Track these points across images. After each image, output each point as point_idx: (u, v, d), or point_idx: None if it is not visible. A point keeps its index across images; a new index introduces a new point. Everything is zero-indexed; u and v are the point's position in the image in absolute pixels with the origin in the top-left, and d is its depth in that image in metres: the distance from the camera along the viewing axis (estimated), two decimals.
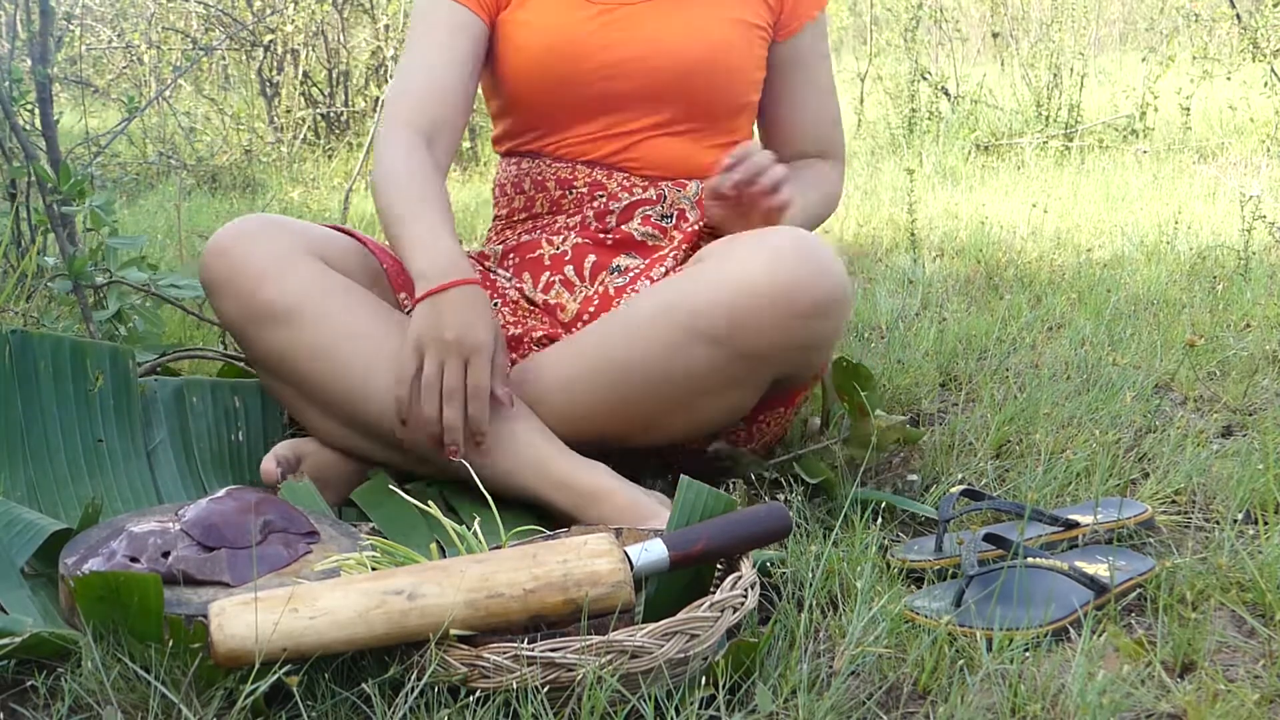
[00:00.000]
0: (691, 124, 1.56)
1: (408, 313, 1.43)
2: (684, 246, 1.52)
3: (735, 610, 1.00)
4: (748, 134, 1.65)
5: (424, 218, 1.39)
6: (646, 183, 1.56)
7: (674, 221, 1.56)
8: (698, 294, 1.34)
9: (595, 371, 1.39)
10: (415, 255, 1.37)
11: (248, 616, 0.92)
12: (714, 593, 1.02)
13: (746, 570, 1.05)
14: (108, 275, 1.86)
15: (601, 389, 1.39)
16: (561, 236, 1.57)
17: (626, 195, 1.56)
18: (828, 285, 1.31)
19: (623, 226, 1.55)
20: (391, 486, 1.37)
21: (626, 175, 1.56)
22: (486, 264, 1.60)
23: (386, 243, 1.50)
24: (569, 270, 1.55)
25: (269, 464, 1.41)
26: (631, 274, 1.52)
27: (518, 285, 1.57)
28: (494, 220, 1.67)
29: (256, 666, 0.92)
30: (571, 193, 1.57)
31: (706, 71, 1.53)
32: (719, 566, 1.12)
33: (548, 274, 1.55)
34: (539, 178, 1.59)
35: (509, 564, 0.99)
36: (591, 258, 1.54)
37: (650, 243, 1.54)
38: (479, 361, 1.33)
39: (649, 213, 1.56)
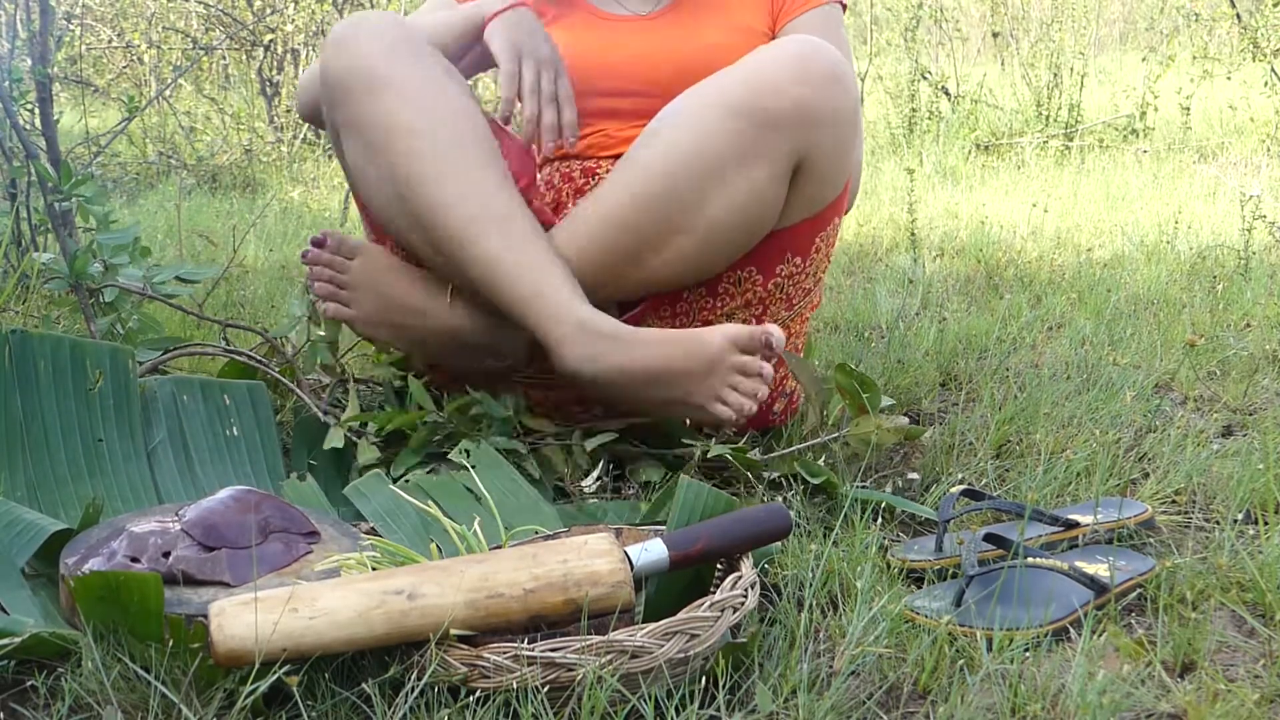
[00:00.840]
0: None
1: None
2: None
3: (735, 610, 1.00)
4: None
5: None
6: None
7: None
8: (719, 76, 1.41)
9: (617, 172, 1.44)
10: (472, 7, 1.52)
11: (247, 617, 0.92)
12: (714, 593, 1.02)
13: (746, 570, 1.05)
14: (102, 269, 1.86)
15: (619, 189, 1.42)
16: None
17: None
18: (836, 58, 1.39)
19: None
20: (391, 487, 1.37)
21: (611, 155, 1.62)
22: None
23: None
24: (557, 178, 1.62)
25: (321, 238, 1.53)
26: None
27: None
28: None
29: (256, 666, 0.92)
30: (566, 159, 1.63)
31: (703, 70, 1.53)
32: (719, 566, 1.12)
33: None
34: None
35: (509, 564, 0.99)
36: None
37: None
38: (559, 74, 1.47)
39: None
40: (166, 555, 1.12)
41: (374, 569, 1.05)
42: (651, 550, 1.03)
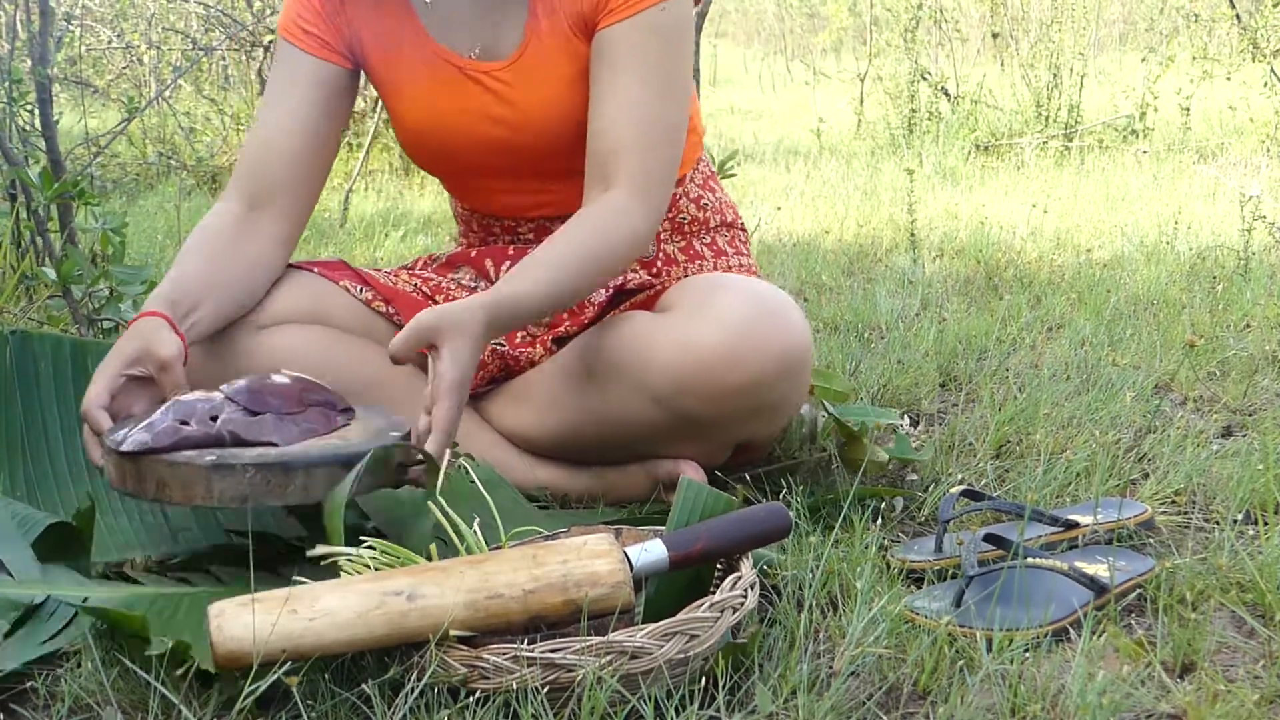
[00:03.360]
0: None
1: None
2: (641, 272, 1.53)
3: (735, 610, 1.00)
4: None
5: (176, 263, 1.40)
6: None
7: None
8: (647, 357, 1.33)
9: (546, 413, 1.44)
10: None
11: (246, 618, 0.92)
12: (714, 593, 1.02)
13: (746, 570, 1.05)
14: (108, 287, 1.86)
15: (551, 429, 1.44)
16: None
17: None
18: (776, 351, 1.30)
19: None
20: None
21: (561, 219, 1.50)
22: (452, 274, 1.58)
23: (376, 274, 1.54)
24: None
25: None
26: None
27: (479, 285, 1.56)
28: (459, 236, 1.67)
29: (255, 667, 0.92)
30: (519, 238, 1.58)
31: (569, 141, 1.45)
32: (719, 567, 1.12)
33: (508, 263, 1.55)
34: (485, 223, 1.59)
35: (508, 565, 0.99)
36: None
37: None
38: (94, 381, 1.27)
39: None
40: (214, 419, 1.17)
41: (376, 569, 1.05)
42: (651, 551, 1.03)
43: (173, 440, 1.13)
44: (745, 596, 1.02)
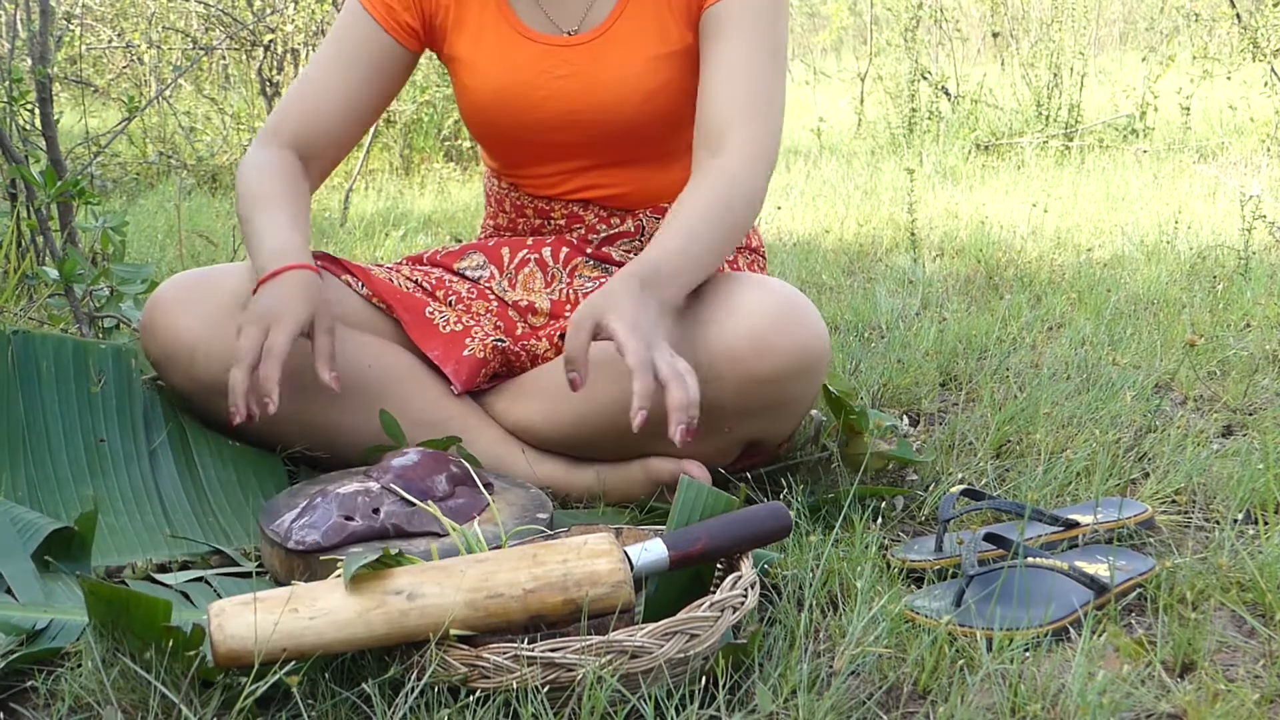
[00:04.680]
0: (649, 157, 1.53)
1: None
2: None
3: (735, 610, 1.00)
4: None
5: (271, 212, 1.43)
6: (624, 214, 1.56)
7: None
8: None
9: (557, 407, 1.43)
10: (254, 252, 1.40)
11: (247, 616, 0.92)
12: (714, 592, 1.02)
13: (746, 570, 1.05)
14: (108, 286, 1.86)
15: (561, 423, 1.44)
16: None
17: (605, 227, 1.56)
18: (800, 344, 1.31)
19: (604, 249, 1.57)
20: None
21: (601, 207, 1.56)
22: (459, 263, 1.59)
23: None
24: (546, 252, 1.56)
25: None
26: (601, 281, 1.53)
27: (489, 286, 1.56)
28: (483, 225, 1.67)
29: (256, 666, 0.92)
30: (550, 223, 1.59)
31: (647, 122, 1.49)
32: (719, 567, 1.12)
33: (525, 251, 1.56)
34: (519, 203, 1.60)
35: (509, 564, 0.99)
36: (565, 250, 1.56)
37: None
38: (279, 328, 1.29)
39: (628, 246, 1.57)
40: (376, 511, 1.20)
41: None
42: (651, 550, 1.03)
43: (341, 538, 1.18)
44: (745, 596, 1.02)
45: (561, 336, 1.51)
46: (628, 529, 1.14)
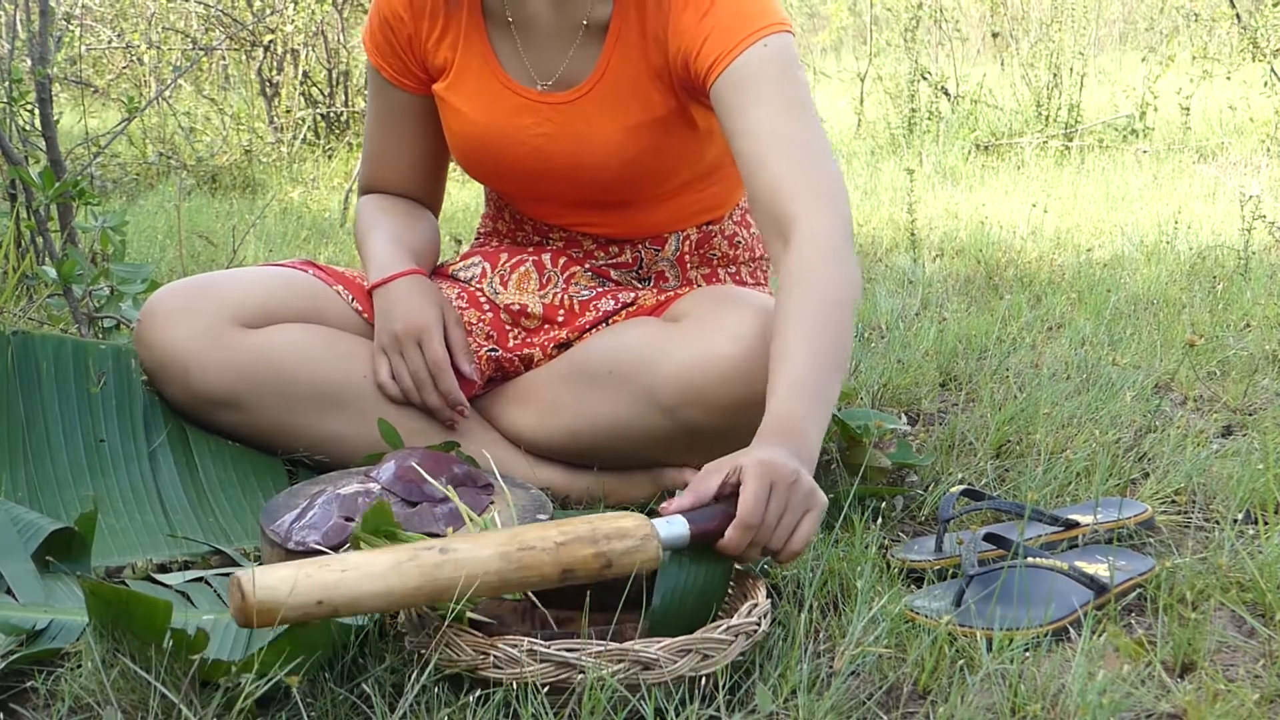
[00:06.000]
0: (642, 200, 1.51)
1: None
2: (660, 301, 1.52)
3: (749, 636, 1.02)
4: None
5: (372, 236, 1.53)
6: (621, 244, 1.55)
7: (652, 283, 1.56)
8: (657, 365, 1.34)
9: (547, 416, 1.45)
10: (367, 267, 1.51)
11: (281, 570, 0.91)
12: (729, 616, 1.04)
13: (761, 598, 1.06)
14: (108, 286, 1.86)
15: (552, 432, 1.45)
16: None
17: (603, 255, 1.56)
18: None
19: (604, 268, 1.57)
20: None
21: (595, 239, 1.55)
22: (454, 269, 1.60)
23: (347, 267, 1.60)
24: (545, 258, 1.56)
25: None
26: (597, 291, 1.53)
27: (480, 287, 1.57)
28: (482, 223, 1.67)
29: (261, 658, 0.92)
30: (549, 241, 1.58)
31: (632, 180, 1.47)
32: (730, 588, 1.11)
33: (524, 254, 1.56)
34: (518, 217, 1.60)
35: (536, 526, 1.01)
36: (564, 259, 1.56)
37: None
38: (430, 341, 1.43)
39: (625, 276, 1.56)
40: None
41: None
42: (674, 524, 1.04)
43: (341, 538, 1.18)
44: (759, 624, 1.03)
45: (556, 346, 1.51)
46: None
